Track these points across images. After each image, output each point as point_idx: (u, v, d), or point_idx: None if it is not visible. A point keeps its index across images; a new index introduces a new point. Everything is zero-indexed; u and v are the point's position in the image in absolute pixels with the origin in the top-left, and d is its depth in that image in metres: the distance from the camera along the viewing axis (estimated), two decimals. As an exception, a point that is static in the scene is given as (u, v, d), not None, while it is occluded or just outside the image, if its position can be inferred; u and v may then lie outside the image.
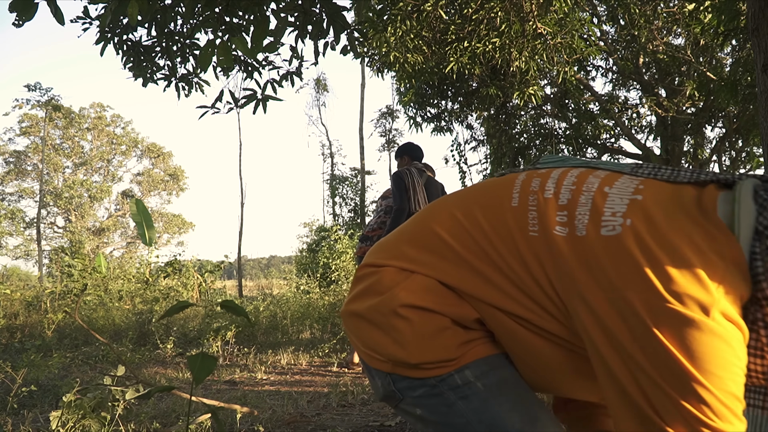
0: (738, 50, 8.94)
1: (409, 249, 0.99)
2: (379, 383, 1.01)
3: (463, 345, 0.94)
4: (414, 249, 0.98)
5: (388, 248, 1.03)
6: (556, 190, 0.90)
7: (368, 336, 0.99)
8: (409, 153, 4.28)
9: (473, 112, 12.90)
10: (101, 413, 2.18)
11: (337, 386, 3.74)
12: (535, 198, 0.91)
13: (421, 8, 6.55)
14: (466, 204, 0.98)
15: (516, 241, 0.88)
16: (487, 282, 0.90)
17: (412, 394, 0.97)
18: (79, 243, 14.58)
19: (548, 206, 0.88)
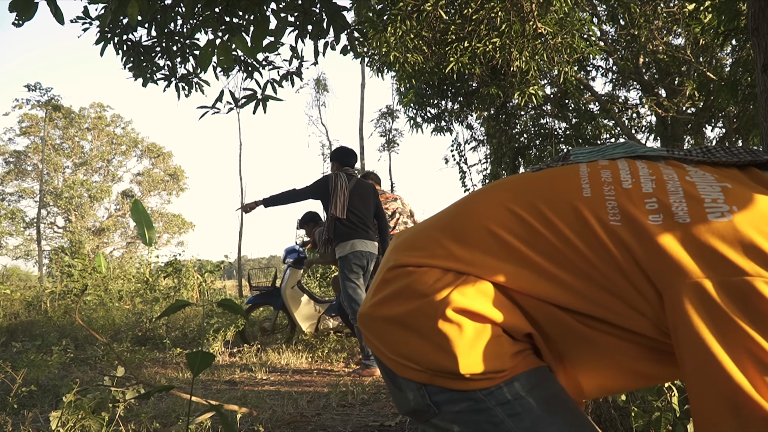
0: (738, 50, 8.94)
1: (456, 248, 0.89)
2: (409, 396, 0.90)
3: (515, 356, 0.86)
4: (463, 248, 0.89)
5: (423, 246, 0.93)
6: (634, 180, 0.86)
7: (402, 342, 0.89)
8: (339, 159, 4.38)
9: (473, 112, 12.90)
10: (101, 413, 2.18)
11: (337, 386, 3.74)
12: (611, 188, 0.86)
13: (421, 8, 6.55)
14: (525, 198, 0.90)
15: (596, 233, 0.82)
16: (556, 283, 0.83)
17: (451, 408, 0.87)
18: (79, 243, 14.58)
19: (632, 195, 0.84)
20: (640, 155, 0.97)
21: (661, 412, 1.68)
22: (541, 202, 0.88)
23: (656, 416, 1.68)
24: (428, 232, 0.95)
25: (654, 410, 1.71)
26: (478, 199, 0.95)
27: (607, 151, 1.04)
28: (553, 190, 0.89)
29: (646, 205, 0.81)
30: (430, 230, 0.96)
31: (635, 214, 0.81)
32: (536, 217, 0.86)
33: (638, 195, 0.83)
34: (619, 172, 0.89)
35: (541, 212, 0.86)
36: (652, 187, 0.84)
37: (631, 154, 0.98)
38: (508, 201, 0.91)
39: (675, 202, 0.81)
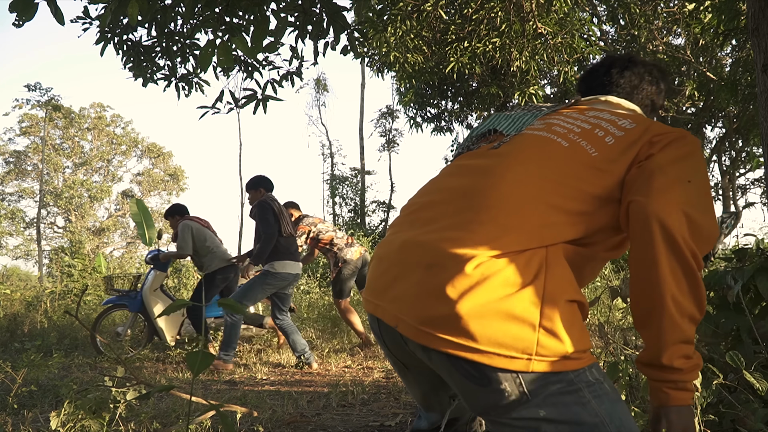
0: (738, 50, 8.95)
1: (514, 230, 0.99)
2: (505, 386, 0.92)
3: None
4: (517, 228, 0.99)
5: (483, 235, 0.99)
6: (579, 124, 1.16)
7: (501, 332, 0.91)
8: (264, 185, 4.67)
9: (473, 112, 12.89)
10: (101, 414, 2.18)
11: (337, 386, 3.74)
12: (575, 135, 1.12)
13: (421, 8, 6.55)
14: (543, 173, 1.07)
15: (594, 164, 1.06)
16: (592, 216, 1.05)
17: (544, 392, 0.91)
18: (79, 243, 14.58)
19: (589, 133, 1.12)
20: (546, 114, 1.26)
21: (661, 412, 1.68)
22: (551, 170, 1.07)
23: (656, 416, 1.69)
24: (473, 221, 1.02)
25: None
26: (518, 186, 1.06)
27: (521, 118, 1.28)
28: (549, 160, 1.09)
29: (598, 135, 1.12)
30: (468, 224, 1.02)
31: (601, 142, 1.10)
32: (561, 177, 1.06)
33: (590, 133, 1.13)
34: (566, 122, 1.18)
35: (560, 171, 1.07)
36: (588, 126, 1.16)
37: (542, 114, 1.26)
38: (540, 179, 1.06)
39: (606, 129, 1.13)
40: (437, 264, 0.98)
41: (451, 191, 1.12)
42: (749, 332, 1.97)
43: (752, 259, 2.09)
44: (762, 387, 1.64)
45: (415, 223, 1.12)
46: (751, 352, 1.92)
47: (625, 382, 1.83)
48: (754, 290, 2.08)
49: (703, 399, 1.65)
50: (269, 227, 4.42)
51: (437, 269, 0.97)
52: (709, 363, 1.89)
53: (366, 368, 4.56)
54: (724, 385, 1.81)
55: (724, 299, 2.09)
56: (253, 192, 4.71)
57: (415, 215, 1.14)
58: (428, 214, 1.11)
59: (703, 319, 2.10)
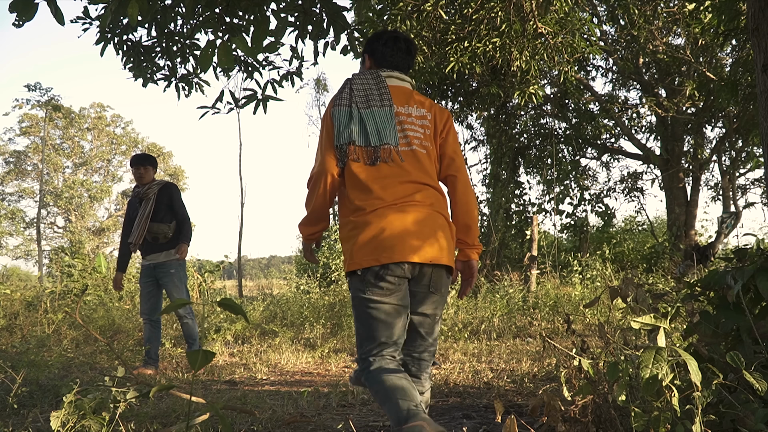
0: (738, 50, 8.94)
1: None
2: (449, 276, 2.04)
3: None
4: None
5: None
6: (417, 129, 2.04)
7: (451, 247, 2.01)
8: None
9: (473, 112, 12.89)
10: (101, 413, 2.18)
11: (337, 386, 3.74)
12: (421, 141, 2.05)
13: (421, 8, 6.55)
14: (425, 166, 2.07)
15: (431, 154, 2.07)
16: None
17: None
18: (79, 243, 14.57)
19: (424, 136, 2.05)
20: (391, 107, 2.01)
21: (660, 412, 1.68)
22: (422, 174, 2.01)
23: (656, 416, 1.69)
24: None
25: (654, 410, 1.71)
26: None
27: (383, 120, 1.97)
28: (424, 158, 2.01)
29: (426, 132, 2.07)
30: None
31: (428, 142, 2.05)
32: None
33: (424, 135, 2.05)
34: (413, 133, 2.02)
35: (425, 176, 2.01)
36: (420, 134, 2.04)
37: (391, 110, 2.00)
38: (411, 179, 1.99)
39: (427, 132, 2.08)
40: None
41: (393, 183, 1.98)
42: (749, 332, 1.97)
43: (752, 259, 2.09)
44: (762, 387, 1.64)
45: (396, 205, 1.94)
46: (751, 352, 1.92)
47: (625, 382, 1.83)
48: (754, 290, 2.08)
49: (703, 399, 1.65)
50: (185, 209, 4.53)
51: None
52: (709, 363, 1.89)
53: (366, 368, 4.56)
54: (724, 385, 1.81)
55: (724, 299, 2.09)
56: (152, 170, 4.58)
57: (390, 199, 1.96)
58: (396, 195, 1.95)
59: (703, 319, 2.11)
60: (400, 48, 2.10)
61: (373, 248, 1.85)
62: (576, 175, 12.58)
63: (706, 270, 8.27)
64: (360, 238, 1.87)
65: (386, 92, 1.99)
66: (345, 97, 1.98)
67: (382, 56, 2.09)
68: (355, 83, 2.01)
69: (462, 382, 3.89)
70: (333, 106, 1.98)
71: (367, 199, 1.91)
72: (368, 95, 1.97)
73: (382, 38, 2.12)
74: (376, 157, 1.92)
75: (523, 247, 11.91)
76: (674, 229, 11.34)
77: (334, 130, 1.94)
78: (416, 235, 1.87)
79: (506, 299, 7.01)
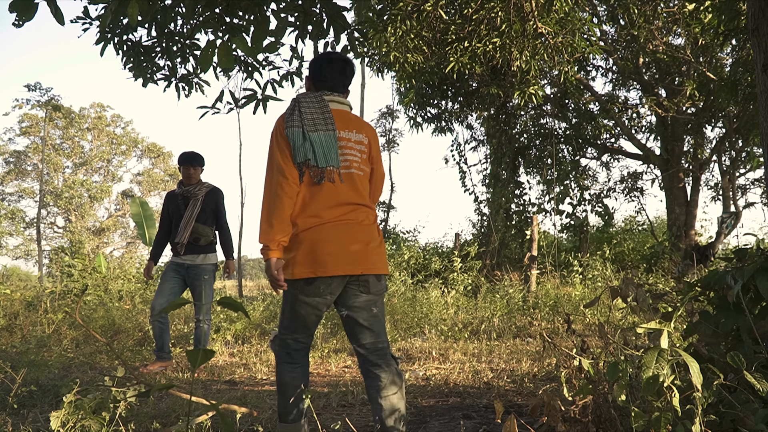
0: (738, 50, 8.94)
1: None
2: (384, 283, 2.33)
3: None
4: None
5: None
6: (355, 154, 2.30)
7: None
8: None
9: (473, 112, 12.89)
10: (101, 413, 2.18)
11: (337, 386, 3.74)
12: (358, 164, 2.32)
13: (421, 8, 6.55)
14: (361, 187, 2.34)
15: (367, 176, 2.37)
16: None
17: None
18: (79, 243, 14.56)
19: (360, 161, 2.32)
20: (334, 132, 2.23)
21: (661, 412, 1.68)
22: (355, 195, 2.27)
23: (656, 416, 1.69)
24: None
25: (654, 410, 1.71)
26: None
27: (327, 144, 2.19)
28: (361, 180, 2.31)
29: (362, 156, 2.33)
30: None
31: (364, 165, 2.33)
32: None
33: (360, 160, 2.31)
34: (352, 157, 2.27)
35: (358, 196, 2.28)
36: (357, 158, 2.30)
37: (334, 134, 2.21)
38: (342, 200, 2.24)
39: (363, 157, 2.34)
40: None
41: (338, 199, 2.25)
42: (749, 332, 1.97)
43: (752, 259, 2.09)
44: (762, 387, 1.64)
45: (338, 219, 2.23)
46: (751, 352, 1.92)
47: (625, 382, 1.82)
48: (754, 290, 2.08)
49: (704, 399, 1.65)
50: (226, 217, 4.63)
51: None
52: (709, 363, 1.89)
53: (366, 368, 4.56)
54: (724, 385, 1.81)
55: (724, 299, 2.09)
56: (200, 169, 4.59)
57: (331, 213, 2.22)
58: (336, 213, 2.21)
59: (703, 319, 2.11)
60: (335, 69, 2.31)
61: (310, 262, 2.12)
62: (576, 175, 12.57)
63: (706, 270, 8.26)
64: (299, 252, 2.14)
65: (330, 117, 2.20)
66: (296, 119, 2.17)
67: (319, 77, 2.31)
68: (302, 105, 2.20)
69: (462, 382, 3.89)
70: (286, 127, 2.16)
71: (308, 215, 2.15)
72: (315, 119, 2.18)
73: (319, 60, 2.34)
74: (321, 177, 2.15)
75: (523, 247, 11.91)
76: (674, 229, 11.34)
77: (292, 149, 2.14)
78: (347, 250, 2.16)
79: (506, 299, 7.01)
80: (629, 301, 2.06)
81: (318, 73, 2.31)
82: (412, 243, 13.84)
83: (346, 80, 2.36)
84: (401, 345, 5.46)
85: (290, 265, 2.16)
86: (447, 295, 7.23)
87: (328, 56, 2.35)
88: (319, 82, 2.32)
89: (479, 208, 13.55)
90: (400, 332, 5.97)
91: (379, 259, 2.25)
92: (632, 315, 2.00)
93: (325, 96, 2.26)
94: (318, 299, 2.16)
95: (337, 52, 2.52)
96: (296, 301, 2.18)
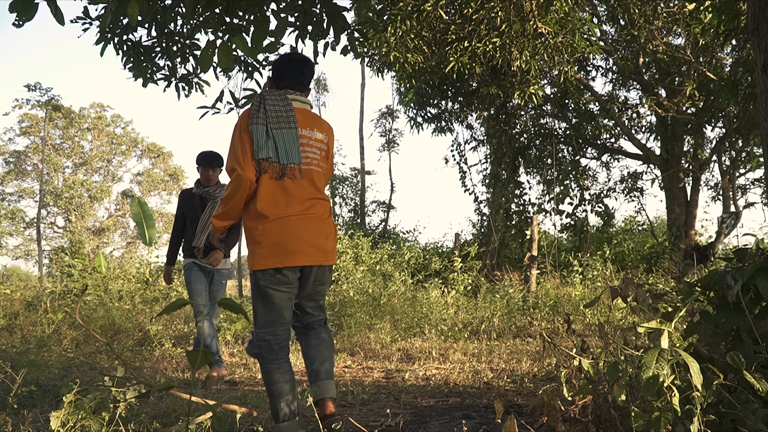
0: (738, 50, 8.93)
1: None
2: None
3: None
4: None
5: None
6: (315, 152, 2.48)
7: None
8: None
9: (473, 112, 12.89)
10: (101, 413, 2.18)
11: (337, 386, 3.74)
12: (317, 161, 2.50)
13: (421, 8, 6.55)
14: (318, 183, 2.52)
15: (325, 173, 2.57)
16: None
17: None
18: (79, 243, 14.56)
19: (320, 159, 2.52)
20: (296, 129, 2.40)
21: (661, 412, 1.68)
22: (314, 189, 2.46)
23: (656, 416, 1.69)
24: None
25: (654, 410, 1.71)
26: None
27: (288, 140, 2.34)
28: (319, 175, 2.48)
29: (321, 154, 2.52)
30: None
31: (323, 162, 2.54)
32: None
33: (320, 158, 2.50)
34: (311, 154, 2.43)
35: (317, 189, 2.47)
36: (316, 155, 2.48)
37: (296, 131, 2.37)
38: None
39: (322, 154, 2.53)
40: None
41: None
42: (749, 332, 1.97)
43: (752, 259, 2.09)
44: (762, 387, 1.64)
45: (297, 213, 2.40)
46: (751, 352, 1.92)
47: (625, 382, 1.83)
48: (754, 290, 2.08)
49: (703, 399, 1.65)
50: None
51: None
52: (709, 363, 1.89)
53: (366, 368, 4.57)
54: (724, 385, 1.81)
55: (724, 299, 2.09)
56: (219, 171, 4.30)
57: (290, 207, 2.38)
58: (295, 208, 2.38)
59: (703, 319, 2.11)
60: (293, 67, 2.47)
61: (275, 253, 2.31)
62: (576, 175, 12.57)
63: (706, 270, 8.26)
64: (264, 243, 2.32)
65: (292, 115, 2.34)
66: (261, 116, 2.31)
67: (279, 77, 2.47)
68: (267, 103, 2.33)
69: (462, 382, 3.89)
70: (251, 123, 2.30)
71: (271, 209, 2.31)
72: (279, 117, 2.32)
73: (279, 60, 2.51)
74: (283, 173, 2.31)
75: (523, 247, 11.91)
76: (674, 229, 11.33)
77: (255, 145, 2.29)
78: (309, 242, 2.35)
79: (506, 299, 7.01)
80: (629, 301, 2.06)
81: (278, 73, 2.47)
82: (413, 243, 13.85)
83: (304, 79, 2.49)
84: (401, 345, 5.46)
85: (259, 257, 2.32)
86: (447, 295, 7.23)
87: (288, 56, 2.51)
88: (279, 82, 2.47)
89: (479, 208, 13.56)
90: (400, 332, 5.97)
91: (332, 251, 2.48)
92: (632, 315, 2.00)
93: (288, 95, 2.39)
94: (287, 287, 2.36)
95: (297, 53, 2.71)
96: (267, 291, 2.35)
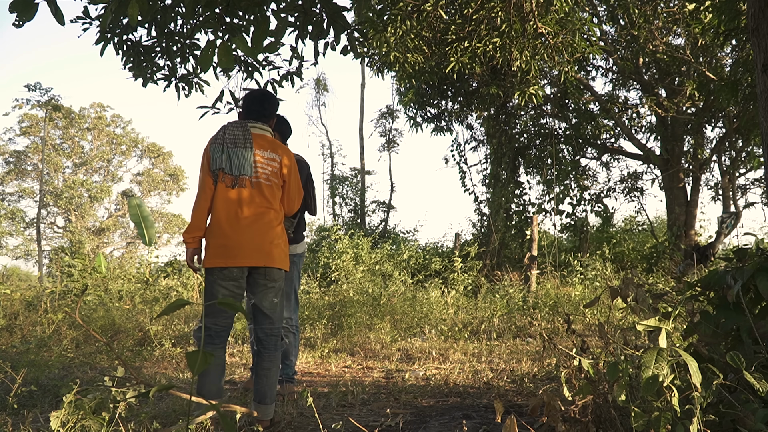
0: (738, 50, 8.93)
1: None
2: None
3: None
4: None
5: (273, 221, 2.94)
6: (266, 167, 2.85)
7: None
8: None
9: (473, 112, 12.89)
10: (101, 413, 2.18)
11: (337, 386, 3.74)
12: (268, 176, 2.86)
13: (421, 8, 6.54)
14: (270, 195, 2.89)
15: (277, 187, 2.89)
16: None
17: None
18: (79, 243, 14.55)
19: (271, 174, 2.87)
20: (250, 148, 2.82)
21: (660, 412, 1.68)
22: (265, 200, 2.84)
23: (656, 416, 1.69)
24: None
25: (654, 410, 1.71)
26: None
27: (242, 156, 2.77)
28: (270, 189, 2.85)
29: (273, 170, 2.88)
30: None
31: (274, 179, 2.88)
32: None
33: (271, 174, 2.86)
34: (263, 170, 2.82)
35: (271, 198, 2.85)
36: (268, 171, 2.85)
37: (249, 149, 2.81)
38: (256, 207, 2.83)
39: (273, 170, 2.88)
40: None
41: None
42: (749, 332, 1.97)
43: (752, 259, 2.09)
44: (762, 387, 1.64)
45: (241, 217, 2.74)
46: (751, 352, 1.92)
47: (625, 382, 1.83)
48: (754, 290, 2.08)
49: (703, 399, 1.65)
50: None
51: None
52: (709, 363, 1.89)
53: (366, 368, 4.57)
54: (724, 385, 1.81)
55: (724, 299, 2.09)
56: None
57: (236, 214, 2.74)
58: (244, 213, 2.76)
59: (703, 319, 2.11)
60: (254, 100, 2.96)
61: (225, 253, 2.69)
62: (576, 175, 12.57)
63: (706, 270, 8.26)
64: (215, 244, 2.72)
65: (249, 138, 2.78)
66: (219, 138, 2.77)
67: (245, 109, 2.96)
68: (228, 130, 2.80)
69: (462, 382, 3.89)
70: (211, 144, 2.77)
71: (224, 214, 2.71)
72: (236, 139, 2.77)
73: (245, 96, 3.04)
74: (236, 183, 2.72)
75: (523, 247, 11.91)
76: (674, 229, 11.33)
77: (211, 159, 2.74)
78: (254, 246, 2.71)
79: (506, 299, 7.01)
80: (629, 301, 2.06)
81: (244, 106, 2.97)
82: (412, 243, 13.84)
83: (265, 111, 2.94)
84: (401, 345, 5.46)
85: (209, 256, 2.73)
86: (447, 295, 7.23)
87: (252, 93, 3.04)
88: (246, 113, 2.95)
89: (479, 208, 13.55)
90: (400, 332, 5.97)
91: (279, 255, 2.79)
92: (632, 315, 2.00)
93: (249, 123, 2.86)
94: (231, 283, 2.71)
95: (261, 90, 3.38)
96: (214, 285, 2.71)
